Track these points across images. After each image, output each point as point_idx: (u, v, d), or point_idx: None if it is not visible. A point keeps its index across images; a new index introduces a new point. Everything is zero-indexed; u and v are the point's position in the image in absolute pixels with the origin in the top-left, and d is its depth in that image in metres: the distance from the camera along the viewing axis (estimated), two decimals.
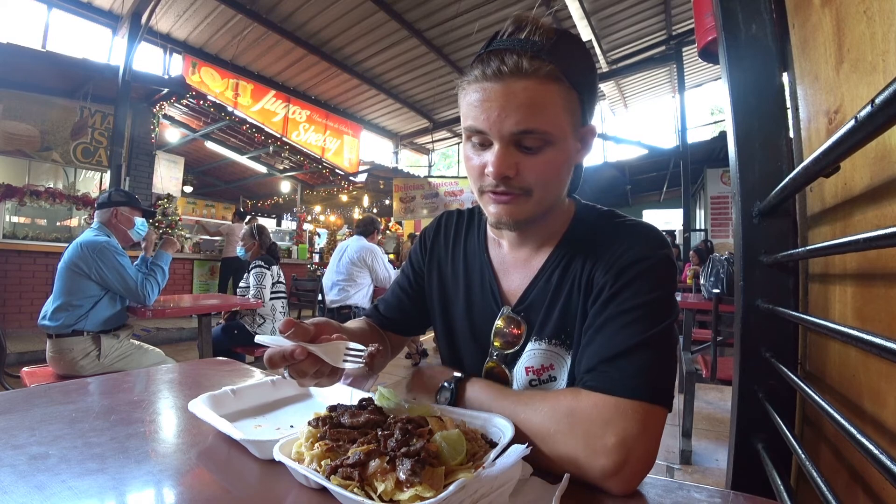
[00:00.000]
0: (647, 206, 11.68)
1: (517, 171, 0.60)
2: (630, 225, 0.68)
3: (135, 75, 5.50)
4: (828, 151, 0.56)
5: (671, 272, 0.63)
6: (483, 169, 0.61)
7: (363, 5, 6.55)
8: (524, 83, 0.56)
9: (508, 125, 0.57)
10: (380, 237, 3.91)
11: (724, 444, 2.44)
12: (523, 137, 0.58)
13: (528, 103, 0.57)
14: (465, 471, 0.44)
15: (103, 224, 2.26)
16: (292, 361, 0.52)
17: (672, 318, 0.60)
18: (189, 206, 10.79)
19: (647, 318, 0.59)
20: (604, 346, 0.59)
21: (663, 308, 0.60)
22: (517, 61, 0.56)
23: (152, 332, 5.15)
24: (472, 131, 0.61)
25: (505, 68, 0.56)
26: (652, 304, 0.60)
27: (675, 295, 0.64)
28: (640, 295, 0.60)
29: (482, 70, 0.58)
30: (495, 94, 0.57)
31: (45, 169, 6.36)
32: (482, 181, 0.63)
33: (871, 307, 0.68)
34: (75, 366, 2.07)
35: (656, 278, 0.61)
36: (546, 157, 0.60)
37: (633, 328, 0.58)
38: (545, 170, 0.61)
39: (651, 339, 0.58)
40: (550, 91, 0.57)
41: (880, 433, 0.64)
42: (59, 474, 0.50)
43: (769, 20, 1.03)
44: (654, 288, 0.60)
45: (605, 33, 7.36)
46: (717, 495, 0.53)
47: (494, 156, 0.59)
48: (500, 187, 0.61)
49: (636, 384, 0.55)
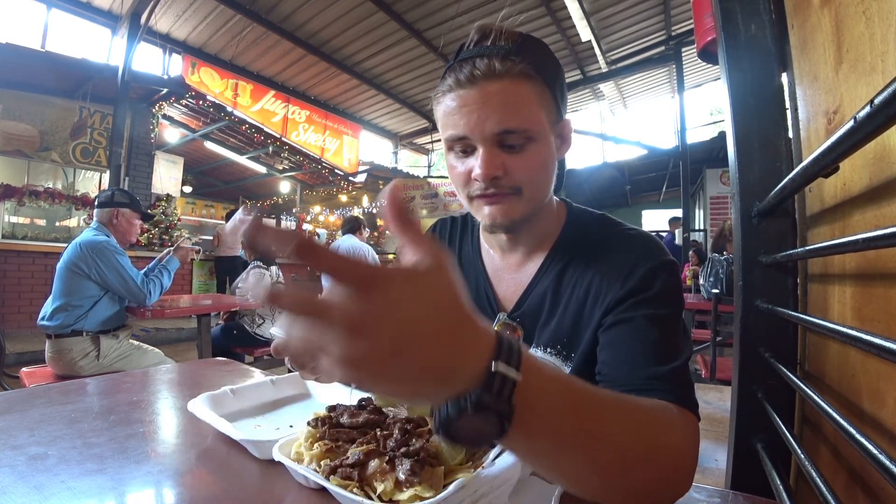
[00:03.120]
0: (646, 207, 11.68)
1: (504, 170, 0.60)
2: (634, 232, 0.68)
3: (134, 75, 5.50)
4: (827, 152, 0.56)
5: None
6: (469, 175, 0.61)
7: (363, 5, 6.54)
8: (499, 84, 0.57)
9: (490, 126, 0.58)
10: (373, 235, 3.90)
11: (723, 444, 2.44)
12: (506, 137, 0.59)
13: (505, 102, 0.57)
14: (464, 471, 0.44)
15: (102, 224, 2.26)
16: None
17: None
18: (188, 206, 10.79)
19: (678, 328, 0.59)
20: (649, 354, 0.55)
21: (682, 314, 0.61)
22: (489, 64, 0.57)
23: (151, 332, 5.14)
24: (454, 139, 0.61)
25: (478, 72, 0.57)
26: (679, 312, 0.60)
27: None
28: (671, 304, 0.59)
29: (455, 78, 0.58)
30: (472, 99, 0.58)
31: (45, 169, 6.35)
32: (470, 187, 0.63)
33: (871, 307, 0.69)
34: (74, 366, 2.07)
35: (680, 287, 0.62)
36: (530, 154, 0.60)
37: (675, 338, 0.57)
38: (532, 166, 0.61)
39: (688, 351, 0.57)
40: (525, 89, 0.58)
41: (879, 433, 0.64)
42: (59, 475, 0.50)
43: (768, 21, 1.03)
44: (680, 298, 0.61)
45: (604, 34, 7.36)
46: (716, 495, 0.53)
47: (480, 158, 0.59)
48: (489, 189, 0.61)
49: (691, 398, 0.52)
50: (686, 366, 0.56)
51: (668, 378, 0.52)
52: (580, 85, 8.70)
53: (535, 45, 0.61)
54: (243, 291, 0.52)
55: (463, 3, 6.44)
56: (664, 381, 0.52)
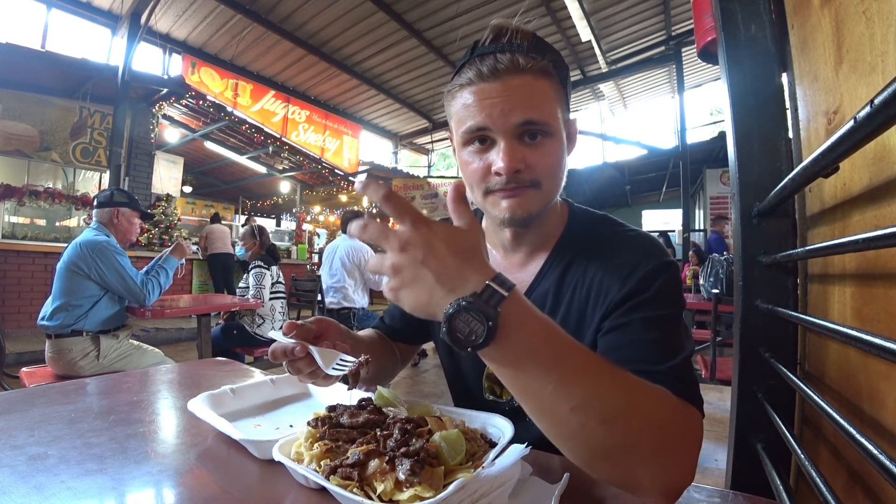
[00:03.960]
0: (646, 207, 11.68)
1: (525, 164, 0.60)
2: (635, 233, 0.68)
3: (134, 75, 5.50)
4: (827, 152, 0.56)
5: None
6: (487, 169, 0.61)
7: (363, 5, 6.54)
8: (522, 78, 0.58)
9: (512, 118, 0.58)
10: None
11: (723, 444, 2.44)
12: (527, 130, 0.59)
13: (528, 96, 0.58)
14: (464, 471, 0.44)
15: (102, 224, 2.26)
16: (292, 357, 0.55)
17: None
18: (188, 206, 10.79)
19: (681, 329, 0.59)
20: (649, 351, 0.55)
21: (682, 314, 0.61)
22: (512, 58, 0.58)
23: (151, 332, 5.14)
24: (473, 131, 0.61)
25: (501, 66, 0.58)
26: (681, 312, 0.60)
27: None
28: (670, 305, 0.60)
29: (477, 71, 0.59)
30: (495, 92, 0.58)
31: (44, 169, 6.35)
32: (488, 182, 0.62)
33: (871, 307, 0.69)
34: (74, 366, 2.07)
35: (679, 287, 0.63)
36: (548, 149, 0.61)
37: (674, 338, 0.57)
38: (550, 160, 0.62)
39: (690, 348, 0.57)
40: (545, 85, 0.60)
41: (879, 433, 0.64)
42: (59, 475, 0.50)
43: (768, 21, 1.03)
44: (679, 297, 0.61)
45: (604, 34, 7.36)
46: (716, 495, 0.53)
47: (503, 151, 0.59)
48: (510, 183, 0.61)
49: (693, 393, 0.52)
50: (686, 363, 0.56)
51: (665, 374, 0.52)
52: (580, 85, 8.71)
53: (547, 45, 0.63)
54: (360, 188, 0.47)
55: (463, 3, 6.45)
56: (661, 376, 0.51)
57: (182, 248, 2.50)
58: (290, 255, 8.42)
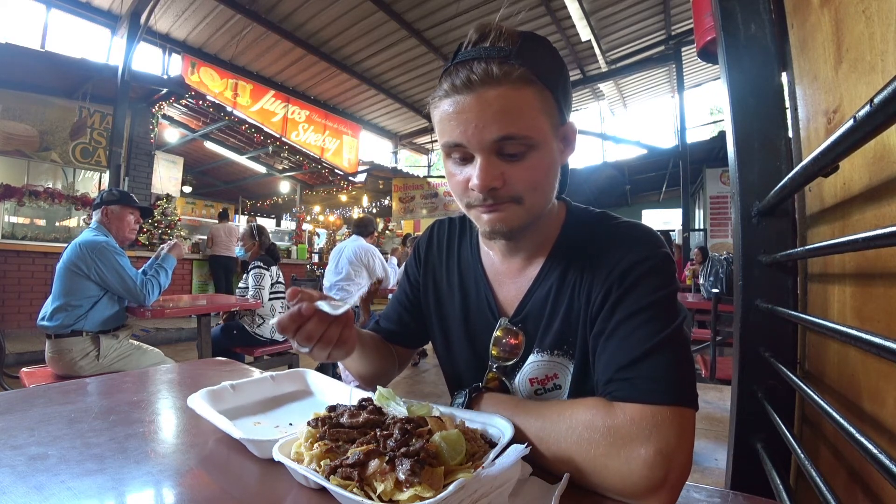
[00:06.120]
0: (646, 206, 11.68)
1: (503, 180, 0.57)
2: (626, 227, 0.66)
3: (134, 75, 5.50)
4: (827, 151, 0.56)
5: (673, 270, 0.62)
6: (468, 183, 0.59)
7: (362, 5, 6.54)
8: (497, 90, 0.54)
9: (487, 135, 0.55)
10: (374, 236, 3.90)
11: (723, 444, 2.44)
12: (505, 145, 0.56)
13: (504, 110, 0.54)
14: (464, 471, 0.44)
15: (102, 224, 2.26)
16: (301, 321, 0.56)
17: (682, 317, 0.59)
18: (188, 206, 10.79)
19: (660, 318, 0.56)
20: (620, 352, 0.56)
21: (672, 306, 0.59)
22: (486, 68, 0.54)
23: (151, 332, 5.14)
24: (451, 147, 0.58)
25: (475, 77, 0.54)
26: (661, 302, 0.58)
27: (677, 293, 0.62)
28: (647, 295, 0.58)
29: (451, 83, 0.56)
30: (469, 106, 0.55)
31: (44, 169, 6.35)
32: (468, 196, 0.61)
33: (870, 307, 0.69)
34: (74, 366, 2.07)
35: (661, 277, 0.59)
36: (531, 163, 0.58)
37: (648, 328, 0.56)
38: (532, 175, 0.58)
39: (668, 338, 0.55)
40: (525, 94, 0.55)
41: (879, 432, 0.64)
42: (59, 475, 0.50)
43: (768, 20, 1.03)
44: (660, 286, 0.58)
45: (604, 33, 7.36)
46: (716, 495, 0.53)
47: (478, 168, 0.56)
48: (487, 200, 0.59)
49: (666, 388, 0.52)
50: (664, 357, 0.54)
51: (632, 380, 0.54)
52: (580, 85, 8.71)
53: (537, 46, 0.58)
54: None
55: (463, 2, 6.45)
56: (625, 384, 0.54)
57: (179, 247, 2.50)
58: (290, 254, 8.42)
